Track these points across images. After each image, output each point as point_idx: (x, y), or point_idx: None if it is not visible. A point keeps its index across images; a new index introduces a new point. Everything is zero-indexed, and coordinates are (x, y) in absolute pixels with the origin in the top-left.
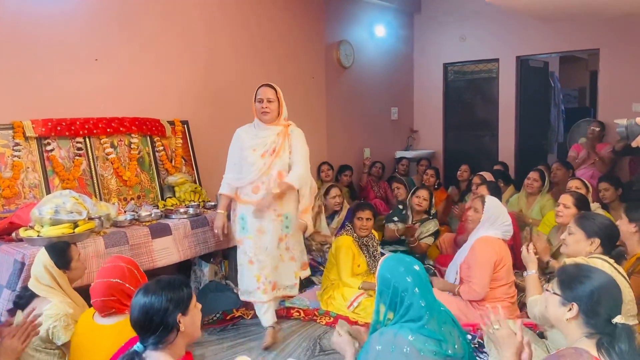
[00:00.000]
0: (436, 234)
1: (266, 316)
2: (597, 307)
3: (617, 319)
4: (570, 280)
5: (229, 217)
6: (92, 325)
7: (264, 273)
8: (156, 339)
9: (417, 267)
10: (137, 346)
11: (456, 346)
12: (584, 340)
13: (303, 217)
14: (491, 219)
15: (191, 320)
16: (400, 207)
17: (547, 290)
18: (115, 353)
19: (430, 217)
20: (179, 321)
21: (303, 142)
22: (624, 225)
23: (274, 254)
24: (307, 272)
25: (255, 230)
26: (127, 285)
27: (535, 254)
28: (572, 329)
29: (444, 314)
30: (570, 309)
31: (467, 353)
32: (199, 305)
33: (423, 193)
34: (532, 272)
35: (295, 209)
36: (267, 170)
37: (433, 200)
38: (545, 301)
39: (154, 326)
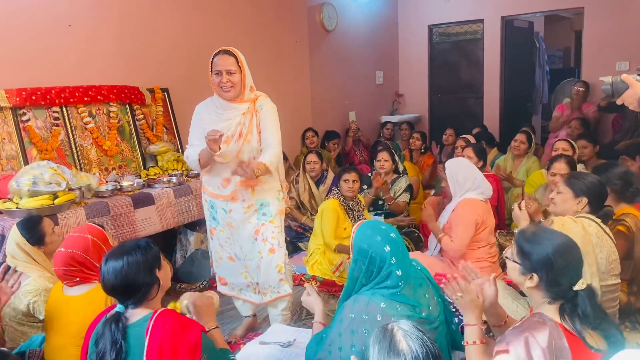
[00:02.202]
0: (410, 189)
1: (246, 305)
2: (556, 277)
3: (578, 286)
4: (528, 250)
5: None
6: (62, 297)
7: (250, 272)
8: (140, 298)
9: (393, 235)
10: (119, 307)
11: (430, 307)
12: (546, 305)
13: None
14: (459, 182)
15: (165, 272)
16: (369, 174)
17: (506, 257)
18: (91, 323)
19: (400, 175)
20: (158, 275)
21: (275, 119)
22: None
23: (250, 250)
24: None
25: (226, 225)
26: (88, 258)
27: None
28: (534, 294)
29: (419, 276)
30: (530, 278)
31: (441, 310)
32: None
33: (383, 155)
34: None
35: (273, 193)
36: (235, 158)
37: (396, 157)
38: (507, 265)
39: (136, 287)
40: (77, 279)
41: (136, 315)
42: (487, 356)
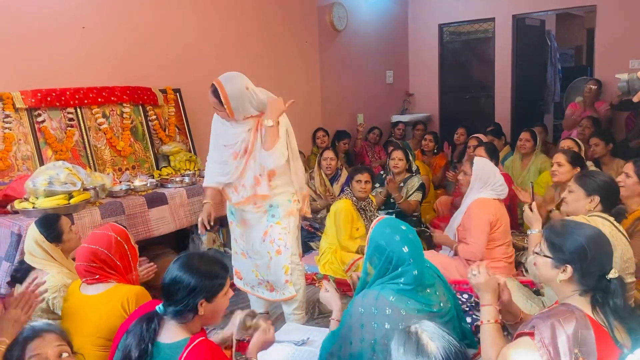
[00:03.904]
0: (422, 188)
1: (259, 302)
2: (590, 266)
3: (611, 274)
4: (560, 242)
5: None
6: (79, 296)
7: (260, 271)
8: (174, 312)
9: (412, 236)
10: (159, 308)
11: (441, 303)
12: (576, 297)
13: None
14: (482, 179)
15: (214, 308)
16: (382, 172)
17: (536, 252)
18: (131, 315)
19: (413, 174)
20: (201, 305)
21: (282, 130)
22: (634, 185)
23: (260, 251)
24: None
25: (240, 221)
26: (110, 255)
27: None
28: (565, 287)
29: (432, 276)
30: (563, 271)
31: (452, 305)
32: (230, 294)
33: (397, 154)
34: (535, 231)
35: (285, 195)
36: (240, 174)
37: (410, 156)
38: (535, 262)
39: (176, 300)
40: (97, 276)
41: (173, 334)
42: (502, 337)
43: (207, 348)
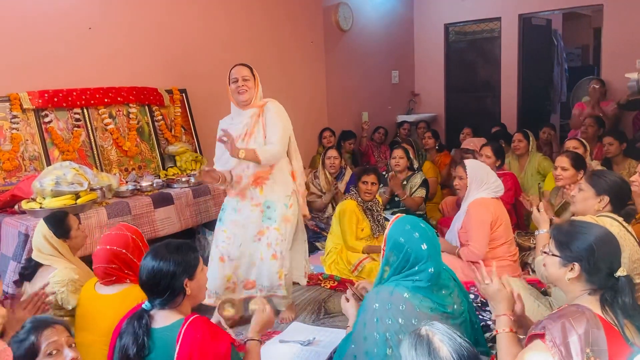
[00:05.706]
0: (425, 185)
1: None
2: (598, 263)
3: (619, 272)
4: (568, 240)
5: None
6: (94, 295)
7: (236, 273)
8: (163, 301)
9: (430, 234)
10: (145, 305)
11: (455, 306)
12: (585, 297)
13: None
14: (478, 180)
15: (197, 284)
16: (384, 173)
17: (544, 252)
18: (121, 320)
19: (415, 172)
20: (186, 285)
21: (279, 117)
22: None
23: (249, 249)
24: (304, 280)
25: (230, 222)
26: (129, 255)
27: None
28: (574, 287)
29: (447, 278)
30: (571, 269)
31: (465, 308)
32: (206, 269)
33: (397, 152)
34: (543, 231)
35: (282, 197)
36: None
37: (411, 154)
38: (544, 262)
39: (161, 289)
40: (114, 277)
41: (166, 318)
42: (518, 345)
43: (203, 323)
